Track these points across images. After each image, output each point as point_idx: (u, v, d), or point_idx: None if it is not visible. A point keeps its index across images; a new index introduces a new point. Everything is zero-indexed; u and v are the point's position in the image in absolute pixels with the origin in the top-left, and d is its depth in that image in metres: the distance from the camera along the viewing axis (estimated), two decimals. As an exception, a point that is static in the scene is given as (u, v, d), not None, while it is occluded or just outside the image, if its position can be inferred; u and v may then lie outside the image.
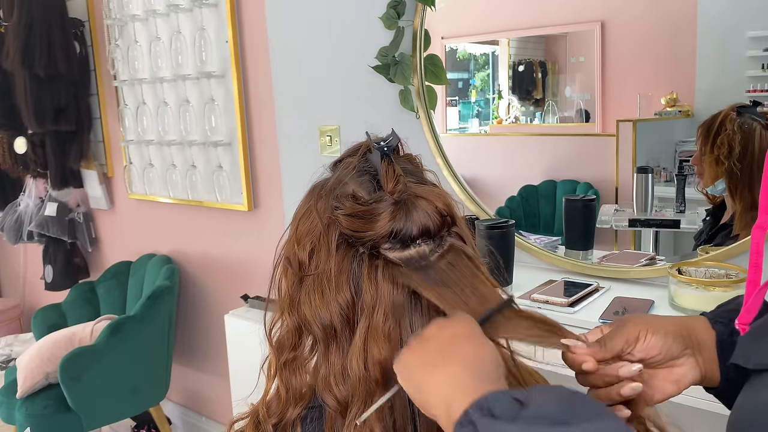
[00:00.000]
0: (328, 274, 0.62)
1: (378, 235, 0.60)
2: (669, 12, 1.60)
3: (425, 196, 0.62)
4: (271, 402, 0.67)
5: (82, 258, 3.28)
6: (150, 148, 2.76)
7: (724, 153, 1.42)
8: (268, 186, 2.38)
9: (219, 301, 2.67)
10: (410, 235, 0.61)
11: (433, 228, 0.61)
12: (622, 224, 1.66)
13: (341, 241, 0.62)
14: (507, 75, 1.96)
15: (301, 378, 0.65)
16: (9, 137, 3.03)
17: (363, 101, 2.01)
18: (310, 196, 0.67)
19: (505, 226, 1.52)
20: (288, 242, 0.67)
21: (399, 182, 0.62)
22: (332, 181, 0.66)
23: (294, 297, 0.65)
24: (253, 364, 0.69)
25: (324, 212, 0.63)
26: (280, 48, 2.22)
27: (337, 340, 0.61)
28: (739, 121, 1.42)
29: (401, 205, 0.61)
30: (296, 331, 0.65)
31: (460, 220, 0.65)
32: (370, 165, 0.65)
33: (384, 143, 0.65)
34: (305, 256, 0.64)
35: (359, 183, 0.64)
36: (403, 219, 0.60)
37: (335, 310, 0.61)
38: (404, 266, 0.60)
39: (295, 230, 0.66)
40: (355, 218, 0.61)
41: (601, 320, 1.34)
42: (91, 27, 2.92)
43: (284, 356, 0.65)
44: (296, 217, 0.67)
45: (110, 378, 2.40)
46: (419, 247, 0.61)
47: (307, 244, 0.64)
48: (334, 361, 0.61)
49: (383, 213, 0.60)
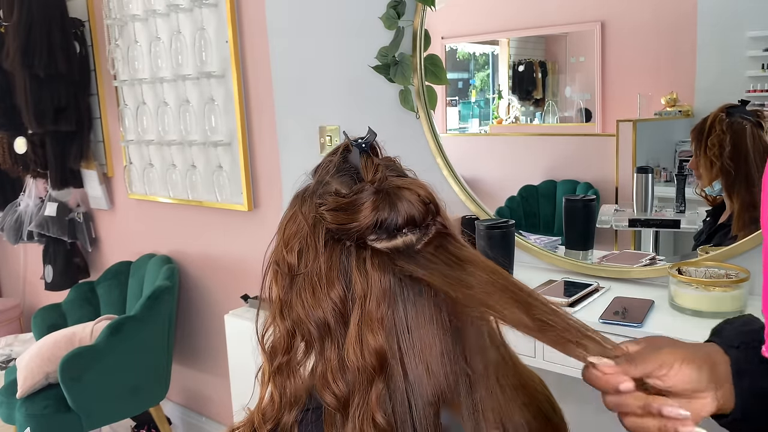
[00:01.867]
0: (318, 272, 0.62)
1: (363, 226, 0.61)
2: (669, 12, 1.60)
3: (407, 186, 0.63)
4: (266, 408, 0.67)
5: (82, 258, 3.28)
6: (150, 148, 2.77)
7: (715, 153, 1.43)
8: (268, 186, 2.38)
9: (219, 301, 2.67)
10: (396, 224, 0.61)
11: (418, 217, 0.62)
12: (622, 224, 1.66)
13: (328, 238, 0.63)
14: (507, 75, 1.96)
15: (295, 381, 0.65)
16: (9, 137, 3.04)
17: (363, 101, 2.01)
18: (294, 202, 0.68)
19: (505, 226, 1.52)
20: (275, 249, 0.68)
21: (378, 171, 0.63)
22: (314, 183, 0.67)
23: (285, 300, 0.65)
24: (253, 364, 0.69)
25: (309, 213, 0.64)
26: (280, 48, 2.22)
27: (331, 335, 0.62)
28: (728, 121, 1.42)
29: (383, 194, 0.62)
30: (289, 335, 0.65)
31: (442, 209, 0.66)
32: (350, 164, 0.66)
33: (361, 140, 0.66)
34: (294, 259, 0.64)
35: (341, 181, 0.65)
36: (387, 209, 0.61)
37: (328, 307, 0.61)
38: (392, 255, 0.61)
39: (281, 235, 0.67)
40: (339, 212, 0.62)
41: (601, 320, 1.34)
42: (91, 27, 2.92)
43: (277, 361, 0.65)
44: (282, 224, 0.68)
45: (110, 378, 2.40)
46: (405, 237, 0.62)
47: (295, 246, 0.64)
48: (330, 356, 0.62)
49: (366, 203, 0.61)
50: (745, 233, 1.41)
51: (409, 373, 0.60)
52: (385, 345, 0.59)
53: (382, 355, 0.59)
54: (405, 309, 0.62)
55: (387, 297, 0.61)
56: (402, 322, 0.61)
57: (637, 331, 1.30)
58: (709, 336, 0.67)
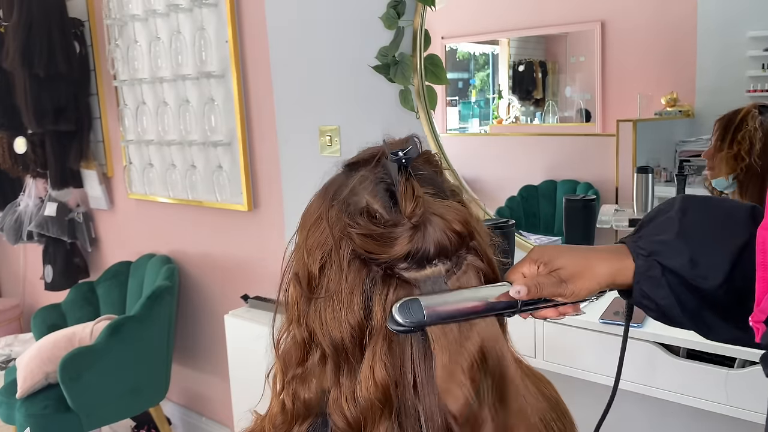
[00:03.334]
0: (339, 293, 0.59)
1: (394, 258, 0.58)
2: (669, 12, 1.60)
3: (442, 215, 0.59)
4: (276, 417, 0.65)
5: (82, 258, 3.28)
6: (150, 148, 2.76)
7: (745, 149, 1.42)
8: (268, 186, 2.38)
9: (219, 301, 2.67)
10: (427, 255, 0.58)
11: (450, 247, 0.59)
12: (622, 224, 1.66)
13: (353, 257, 0.59)
14: (507, 75, 1.96)
15: (309, 393, 0.63)
16: (9, 137, 3.03)
17: (363, 101, 2.01)
18: (322, 199, 0.63)
19: (505, 226, 1.52)
20: (297, 250, 0.64)
21: (418, 205, 0.58)
22: (346, 190, 0.62)
23: (303, 310, 0.62)
24: (253, 364, 0.69)
25: (335, 225, 0.60)
26: (280, 48, 2.22)
27: (348, 361, 0.59)
28: (760, 118, 1.42)
29: (419, 227, 0.58)
30: (305, 345, 0.62)
31: (479, 234, 0.63)
32: (386, 174, 0.61)
33: (403, 153, 0.59)
34: (315, 270, 0.61)
35: (374, 195, 0.60)
36: (421, 239, 0.58)
37: (346, 330, 0.59)
38: (417, 288, 0.59)
39: (305, 238, 0.63)
40: (369, 239, 0.58)
41: (602, 320, 1.34)
42: (91, 27, 2.92)
43: (292, 371, 0.63)
44: (306, 222, 0.64)
45: (110, 378, 2.40)
46: (435, 267, 0.59)
47: (318, 257, 0.61)
48: (344, 383, 0.59)
49: (401, 237, 0.58)
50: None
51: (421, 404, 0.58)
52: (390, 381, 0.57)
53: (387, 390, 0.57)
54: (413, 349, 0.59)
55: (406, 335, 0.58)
56: (420, 353, 0.59)
57: (637, 332, 1.30)
58: (635, 229, 0.72)
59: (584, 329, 1.37)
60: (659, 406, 1.55)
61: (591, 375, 1.37)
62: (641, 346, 1.30)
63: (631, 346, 1.30)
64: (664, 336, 1.27)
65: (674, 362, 1.27)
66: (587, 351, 1.37)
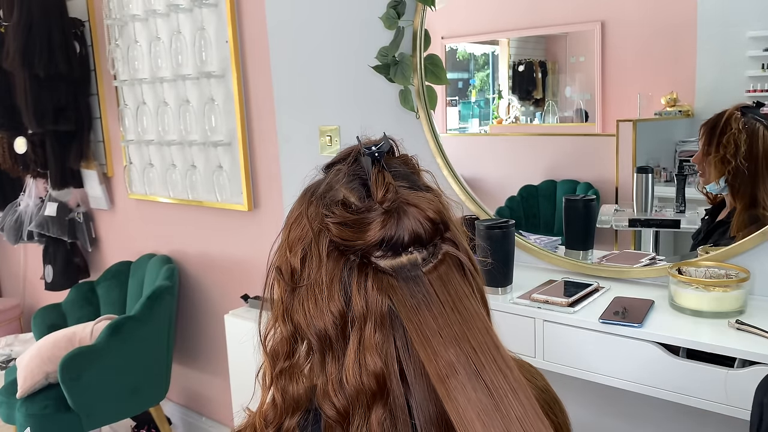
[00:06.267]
0: (320, 283, 0.61)
1: (368, 244, 0.59)
2: (669, 12, 1.60)
3: (416, 204, 0.60)
4: (267, 411, 0.66)
5: (82, 258, 3.28)
6: (150, 148, 2.77)
7: (730, 152, 1.43)
8: (268, 186, 2.38)
9: (219, 301, 2.67)
10: (402, 242, 0.59)
11: (425, 235, 0.60)
12: (622, 224, 1.66)
13: (332, 248, 0.61)
14: (507, 75, 1.96)
15: (297, 386, 0.64)
16: (9, 137, 3.04)
17: (363, 101, 2.01)
18: (302, 200, 0.66)
19: (505, 226, 1.52)
20: (280, 248, 0.66)
21: (389, 190, 0.60)
22: (323, 186, 0.65)
23: (287, 304, 0.64)
24: (253, 364, 0.69)
25: (314, 219, 0.63)
26: (280, 48, 2.22)
27: (332, 349, 0.61)
28: (743, 120, 1.42)
29: (392, 213, 0.60)
30: (290, 339, 0.64)
31: (454, 224, 0.63)
32: (361, 169, 0.64)
33: (375, 148, 0.63)
34: (297, 263, 0.63)
35: (349, 189, 0.63)
36: (394, 227, 0.59)
37: (329, 319, 0.60)
38: (394, 275, 0.59)
39: (287, 236, 0.66)
40: (344, 227, 0.60)
41: (601, 320, 1.34)
42: (91, 27, 2.92)
43: (279, 365, 0.64)
44: (288, 223, 0.66)
45: (110, 378, 2.40)
46: (410, 255, 0.60)
47: (299, 251, 0.63)
48: (331, 371, 0.61)
49: (373, 222, 0.59)
50: (744, 233, 1.41)
51: (411, 394, 0.59)
52: (384, 369, 0.58)
53: (382, 379, 0.58)
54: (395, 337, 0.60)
55: (387, 321, 0.59)
56: (404, 343, 0.59)
57: (637, 332, 1.30)
58: None
59: (584, 329, 1.37)
60: (659, 406, 1.55)
61: (591, 375, 1.37)
62: (641, 346, 1.30)
63: (631, 346, 1.30)
64: (664, 336, 1.27)
65: (674, 362, 1.27)
66: (587, 351, 1.37)
